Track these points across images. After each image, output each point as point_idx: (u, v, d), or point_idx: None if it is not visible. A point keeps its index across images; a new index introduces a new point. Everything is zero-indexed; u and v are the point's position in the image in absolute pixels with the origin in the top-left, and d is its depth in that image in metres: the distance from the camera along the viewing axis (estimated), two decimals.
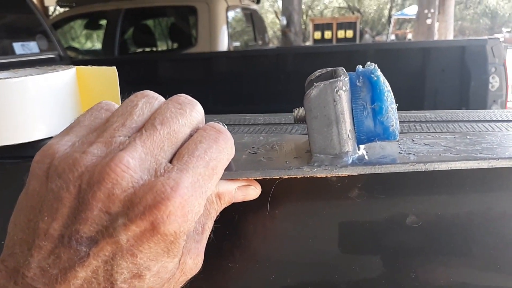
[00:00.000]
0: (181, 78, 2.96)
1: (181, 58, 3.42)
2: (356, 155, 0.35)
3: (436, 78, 2.59)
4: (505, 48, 7.17)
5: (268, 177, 0.35)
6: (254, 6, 5.61)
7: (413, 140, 0.38)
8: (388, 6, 21.15)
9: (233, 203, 0.35)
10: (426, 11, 9.66)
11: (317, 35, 12.67)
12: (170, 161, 0.29)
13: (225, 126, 0.32)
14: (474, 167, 0.33)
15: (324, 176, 0.34)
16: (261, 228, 0.41)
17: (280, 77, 2.73)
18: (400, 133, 0.46)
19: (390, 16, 19.82)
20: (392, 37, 17.73)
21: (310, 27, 14.11)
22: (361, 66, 0.36)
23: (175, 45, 4.96)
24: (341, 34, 12.51)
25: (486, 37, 2.58)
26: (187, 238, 0.31)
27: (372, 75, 0.34)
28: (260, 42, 5.67)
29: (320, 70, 0.39)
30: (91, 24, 5.12)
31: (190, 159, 0.28)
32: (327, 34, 12.56)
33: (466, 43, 2.63)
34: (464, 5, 23.03)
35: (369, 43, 9.75)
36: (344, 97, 0.33)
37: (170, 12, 4.89)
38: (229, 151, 0.31)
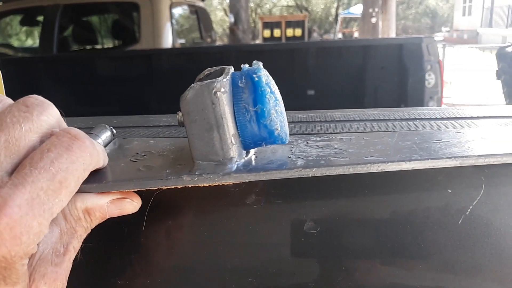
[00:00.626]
0: (121, 76, 2.86)
1: (122, 56, 3.31)
2: (242, 160, 0.32)
3: (376, 76, 2.64)
4: (444, 46, 7.46)
5: (144, 189, 0.31)
6: (200, 3, 5.54)
7: (307, 143, 0.36)
8: (335, 5, 21.60)
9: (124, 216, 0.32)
10: (370, 10, 9.93)
11: (267, 33, 12.72)
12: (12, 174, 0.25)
13: (103, 135, 0.28)
14: (363, 172, 0.31)
15: (207, 185, 0.31)
16: (154, 241, 0.38)
17: None
18: (299, 134, 0.44)
19: (337, 15, 20.25)
20: (339, 35, 18.12)
21: (260, 25, 14.15)
22: (247, 65, 0.33)
23: (118, 43, 4.82)
24: (290, 32, 12.62)
25: (421, 36, 2.66)
26: (41, 261, 0.27)
27: (254, 75, 0.31)
28: (209, 40, 5.61)
29: (209, 68, 0.36)
30: (27, 20, 4.86)
31: (31, 171, 0.24)
32: (276, 32, 12.63)
33: (404, 41, 2.70)
34: (406, 5, 23.93)
35: (309, 41, 9.88)
36: (223, 99, 0.30)
37: (112, 9, 4.74)
38: (86, 160, 0.27)
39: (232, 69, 0.34)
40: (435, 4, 24.92)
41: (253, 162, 0.32)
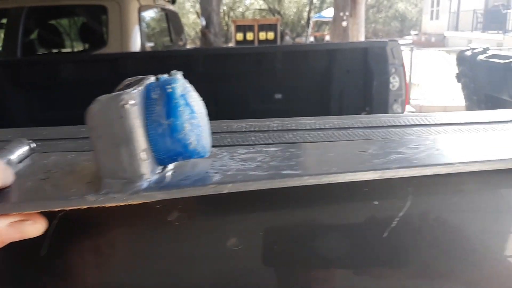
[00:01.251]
0: (88, 80, 2.79)
1: (88, 60, 3.24)
2: (155, 177, 0.30)
3: (341, 79, 2.66)
4: (412, 49, 7.59)
5: (46, 210, 0.29)
6: (170, 7, 5.50)
7: (232, 156, 0.34)
8: (307, 8, 21.78)
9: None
10: (341, 14, 10.04)
11: (240, 36, 12.71)
12: None
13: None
14: (280, 186, 0.30)
15: (114, 205, 0.29)
16: (70, 261, 0.36)
17: (189, 79, 2.67)
18: (229, 145, 0.42)
19: (309, 19, 20.41)
20: (311, 38, 18.27)
21: (232, 28, 14.16)
22: (166, 75, 0.31)
23: (85, 46, 4.73)
24: (262, 35, 12.65)
25: (386, 40, 2.70)
26: None
27: (168, 86, 0.30)
28: (181, 43, 5.56)
29: (130, 78, 0.34)
30: None
31: None
32: (249, 36, 12.64)
33: (368, 45, 2.73)
34: (377, 8, 24.34)
35: (276, 45, 9.93)
36: (133, 111, 0.29)
37: (79, 12, 4.64)
38: None
39: (151, 79, 0.32)
40: (404, 8, 25.43)
41: (167, 179, 0.31)
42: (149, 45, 4.70)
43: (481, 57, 2.37)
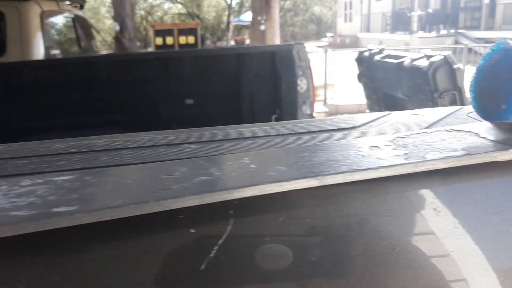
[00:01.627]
0: None
1: None
2: None
3: (251, 83, 2.66)
4: (326, 51, 7.87)
5: None
6: (77, 12, 5.22)
7: (10, 189, 0.29)
8: (226, 12, 21.87)
9: None
10: (259, 17, 10.18)
11: (159, 41, 12.45)
12: None
13: None
14: (46, 228, 0.25)
15: None
16: None
17: (92, 86, 2.54)
18: (26, 174, 0.36)
19: (228, 23, 20.51)
20: (232, 42, 18.36)
21: (151, 33, 13.85)
22: None
23: None
24: (183, 40, 12.49)
25: (292, 43, 2.74)
26: None
27: None
28: (96, 49, 5.31)
29: None
30: None
31: None
32: (169, 40, 12.42)
33: (276, 48, 2.76)
34: (294, 12, 25.03)
35: (185, 50, 9.87)
36: None
37: None
38: None
39: None
40: (320, 11, 26.40)
41: None
42: (55, 52, 4.43)
43: (377, 57, 2.49)
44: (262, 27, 9.91)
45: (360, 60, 2.70)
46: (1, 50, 3.82)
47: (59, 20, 4.87)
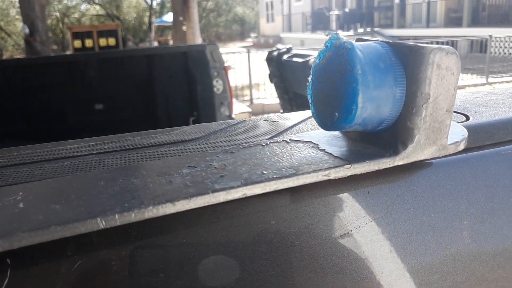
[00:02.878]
0: None
1: None
2: None
3: (165, 85, 2.57)
4: (248, 51, 7.91)
5: None
6: None
7: None
8: (147, 13, 21.37)
9: None
10: (181, 18, 10.01)
11: (78, 43, 11.89)
12: None
13: None
14: None
15: None
16: None
17: None
18: None
19: (150, 23, 20.04)
20: (155, 43, 17.97)
21: (69, 36, 13.17)
22: None
23: None
24: (103, 42, 12.02)
25: (204, 43, 2.69)
26: None
27: None
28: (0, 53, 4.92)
29: None
30: None
31: None
32: (89, 43, 11.91)
33: (187, 49, 2.68)
34: (217, 13, 25.01)
35: (89, 52, 9.55)
36: None
37: None
38: None
39: None
40: (243, 12, 26.62)
41: None
42: None
43: (285, 57, 2.49)
44: (184, 28, 9.76)
45: (270, 60, 2.70)
46: None
47: None
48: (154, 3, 21.64)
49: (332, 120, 0.35)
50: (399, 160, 0.35)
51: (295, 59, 2.35)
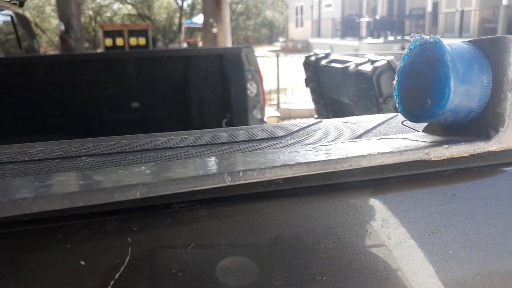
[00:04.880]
0: None
1: None
2: None
3: (200, 86, 2.60)
4: (277, 55, 7.91)
5: None
6: (17, 10, 4.95)
7: None
8: (178, 14, 21.64)
9: None
10: (211, 20, 10.10)
11: (109, 42, 12.12)
12: None
13: None
14: None
15: None
16: None
17: (29, 88, 2.39)
18: None
19: (180, 24, 20.28)
20: (185, 44, 18.17)
21: (100, 34, 13.45)
22: None
23: None
24: (133, 41, 12.23)
25: (240, 46, 2.71)
26: None
27: None
28: (41, 49, 5.06)
29: None
30: None
31: None
32: (119, 41, 12.14)
33: (223, 51, 2.71)
34: (246, 16, 25.13)
35: (129, 51, 9.68)
36: None
37: None
38: None
39: None
40: (272, 15, 26.67)
41: None
42: None
43: (323, 62, 2.49)
44: (214, 30, 9.84)
45: (307, 64, 2.69)
46: None
47: None
48: (185, 5, 21.89)
49: (425, 109, 0.37)
50: (492, 145, 0.37)
51: (333, 64, 2.35)
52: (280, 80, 7.47)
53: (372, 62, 2.22)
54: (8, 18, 4.73)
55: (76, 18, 8.57)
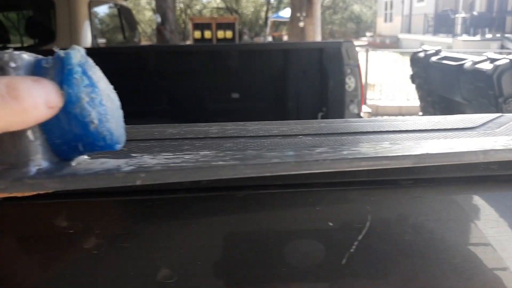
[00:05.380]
0: None
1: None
2: (49, 166, 0.24)
3: (298, 79, 2.64)
4: (367, 50, 7.73)
5: None
6: (122, 2, 5.33)
7: (154, 156, 0.28)
8: (265, 8, 21.85)
9: None
10: (298, 14, 10.10)
11: (197, 34, 12.56)
12: None
13: None
14: (209, 177, 0.25)
15: None
16: None
17: (140, 76, 2.58)
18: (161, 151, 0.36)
19: (266, 18, 20.49)
20: (270, 38, 18.33)
21: (190, 26, 13.97)
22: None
23: (32, 41, 4.51)
24: (221, 34, 12.56)
25: (341, 40, 2.70)
26: None
27: (62, 53, 0.24)
28: (134, 40, 5.42)
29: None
30: None
31: None
32: (207, 34, 12.52)
33: (323, 45, 2.72)
34: (333, 10, 24.76)
35: (231, 44, 9.87)
36: None
37: (24, 5, 4.45)
38: None
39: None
40: (359, 10, 26.03)
41: (64, 168, 0.24)
42: (101, 41, 4.54)
43: (433, 59, 2.41)
44: (301, 24, 9.83)
45: (415, 60, 2.62)
46: (50, 37, 3.95)
47: (105, 10, 4.99)
48: None
49: None
50: None
51: (445, 61, 2.27)
52: (368, 76, 7.31)
53: (492, 60, 2.11)
54: (115, 10, 5.11)
55: (172, 11, 8.98)
